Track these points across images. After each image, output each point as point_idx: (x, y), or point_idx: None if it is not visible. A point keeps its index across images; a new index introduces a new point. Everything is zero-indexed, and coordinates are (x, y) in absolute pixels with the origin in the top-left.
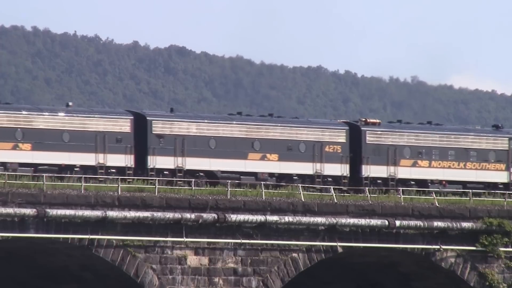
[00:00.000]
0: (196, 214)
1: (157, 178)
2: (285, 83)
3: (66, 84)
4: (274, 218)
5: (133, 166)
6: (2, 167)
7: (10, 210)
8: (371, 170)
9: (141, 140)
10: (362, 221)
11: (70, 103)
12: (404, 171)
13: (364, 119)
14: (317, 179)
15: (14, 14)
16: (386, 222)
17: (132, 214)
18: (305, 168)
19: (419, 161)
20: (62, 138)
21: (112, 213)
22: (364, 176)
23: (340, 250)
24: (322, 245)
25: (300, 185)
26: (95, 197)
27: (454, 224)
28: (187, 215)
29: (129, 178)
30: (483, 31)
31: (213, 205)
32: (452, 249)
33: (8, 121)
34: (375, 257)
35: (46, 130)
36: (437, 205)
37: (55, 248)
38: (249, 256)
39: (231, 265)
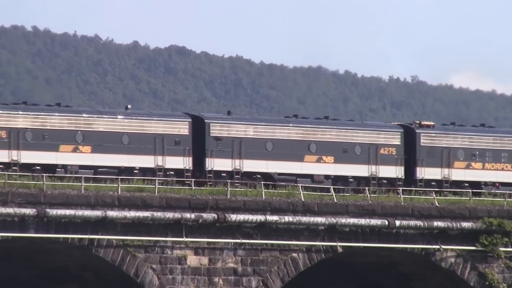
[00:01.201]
0: (196, 214)
1: (157, 178)
2: (285, 83)
3: (66, 84)
4: (274, 218)
5: (191, 168)
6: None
7: (10, 210)
8: (425, 172)
9: (199, 143)
10: (362, 221)
11: (129, 106)
12: (458, 173)
13: (418, 122)
14: (372, 181)
15: (14, 14)
16: (386, 222)
17: (132, 214)
18: (361, 170)
19: (473, 163)
20: (121, 141)
21: (112, 213)
22: (418, 178)
23: (340, 250)
24: (322, 245)
25: (300, 185)
26: (95, 197)
27: (454, 224)
28: (187, 215)
29: (188, 181)
30: (483, 30)
31: (213, 205)
32: (452, 249)
33: (68, 124)
34: (375, 257)
35: (106, 132)
36: (437, 205)
37: (55, 248)
38: (249, 256)
39: (231, 265)
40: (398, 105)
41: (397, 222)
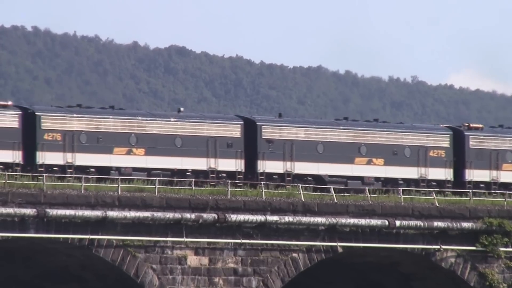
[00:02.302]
0: (196, 214)
1: (157, 178)
2: (285, 83)
3: (66, 84)
4: (274, 218)
5: (243, 170)
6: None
7: (10, 210)
8: (474, 175)
9: (250, 145)
10: (362, 221)
11: (182, 109)
12: (507, 175)
13: (467, 124)
14: (422, 183)
15: (14, 14)
16: (386, 222)
17: (132, 214)
18: (410, 172)
19: None
20: (174, 143)
21: (112, 213)
22: (467, 180)
23: (340, 250)
24: (322, 245)
25: (300, 185)
26: (95, 197)
27: (454, 224)
28: (187, 215)
29: (239, 182)
30: (483, 31)
31: (213, 205)
32: (452, 249)
33: (122, 127)
34: (375, 257)
35: (159, 135)
36: (437, 205)
37: (55, 248)
38: (249, 256)
39: (231, 265)
40: (398, 105)
41: (397, 222)
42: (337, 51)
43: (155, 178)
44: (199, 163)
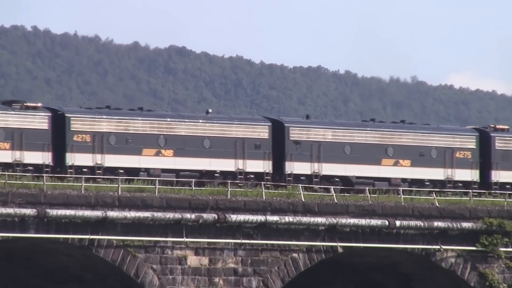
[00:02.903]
0: (196, 214)
1: (157, 179)
2: (285, 83)
3: (66, 84)
4: (275, 218)
5: (271, 172)
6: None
7: (10, 210)
8: (500, 176)
9: (278, 146)
10: (362, 221)
11: (210, 110)
12: None
13: (493, 125)
14: (448, 185)
15: (14, 14)
16: (386, 222)
17: (132, 214)
18: (437, 173)
19: None
20: (203, 144)
21: (112, 213)
22: (493, 182)
23: (340, 250)
24: (322, 245)
25: (300, 185)
26: (95, 197)
27: (454, 224)
28: (187, 215)
29: (268, 184)
30: (484, 30)
31: (213, 205)
32: (452, 249)
33: (151, 128)
34: (375, 257)
35: (188, 136)
36: (437, 205)
37: (55, 248)
38: (249, 256)
39: (231, 265)
40: (398, 105)
41: (397, 222)
42: (336, 51)
43: (154, 178)
44: (227, 164)
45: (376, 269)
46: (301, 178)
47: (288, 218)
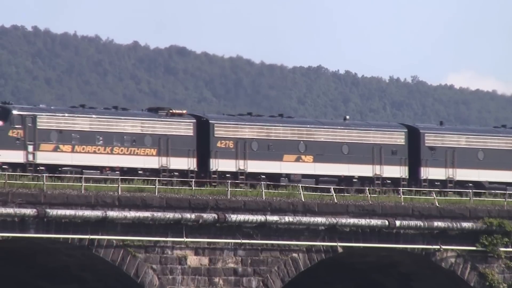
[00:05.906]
0: (196, 214)
1: (156, 179)
2: (285, 83)
3: (66, 84)
4: (274, 218)
5: (407, 177)
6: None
7: (10, 210)
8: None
9: (413, 152)
10: (362, 221)
11: (347, 117)
12: None
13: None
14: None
15: (14, 14)
16: (386, 222)
17: (132, 214)
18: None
19: None
20: (341, 150)
21: (112, 213)
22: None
23: (340, 250)
24: (322, 245)
25: (301, 185)
26: (95, 197)
27: (454, 224)
28: (187, 215)
29: (405, 189)
30: (484, 30)
31: (213, 205)
32: (452, 249)
33: (292, 134)
34: (375, 257)
35: (327, 142)
36: (437, 205)
37: (55, 248)
38: (249, 256)
39: (231, 265)
40: (398, 105)
41: (397, 222)
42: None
43: (154, 178)
44: (365, 170)
45: (376, 269)
46: (436, 183)
47: (288, 218)
